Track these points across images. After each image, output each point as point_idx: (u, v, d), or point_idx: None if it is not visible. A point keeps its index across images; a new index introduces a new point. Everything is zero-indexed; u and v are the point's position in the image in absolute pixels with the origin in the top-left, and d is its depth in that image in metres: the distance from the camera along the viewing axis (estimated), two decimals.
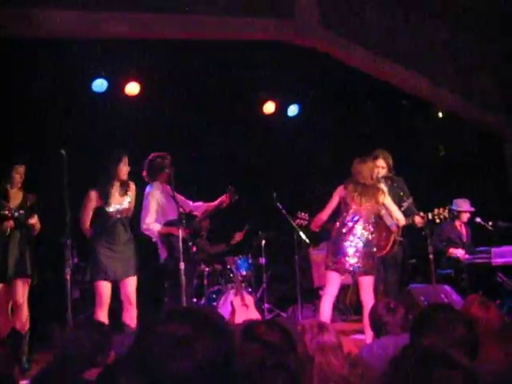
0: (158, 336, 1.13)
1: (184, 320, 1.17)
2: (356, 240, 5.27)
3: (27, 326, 5.13)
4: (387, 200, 5.43)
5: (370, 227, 5.32)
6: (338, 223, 5.38)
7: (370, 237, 5.31)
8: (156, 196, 5.62)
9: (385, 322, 3.32)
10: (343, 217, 5.35)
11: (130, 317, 5.16)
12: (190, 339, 1.13)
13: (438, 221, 5.71)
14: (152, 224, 5.50)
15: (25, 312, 5.12)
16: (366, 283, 5.29)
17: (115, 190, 5.24)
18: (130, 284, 5.21)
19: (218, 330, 1.17)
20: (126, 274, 5.20)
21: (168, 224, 5.52)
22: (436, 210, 5.62)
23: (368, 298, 5.19)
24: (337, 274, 5.29)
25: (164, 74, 7.18)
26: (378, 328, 3.35)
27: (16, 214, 5.07)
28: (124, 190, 5.29)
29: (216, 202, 5.78)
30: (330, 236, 5.50)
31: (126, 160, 5.27)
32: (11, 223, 5.05)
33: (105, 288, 5.10)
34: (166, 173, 5.60)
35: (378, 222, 5.46)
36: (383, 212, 5.53)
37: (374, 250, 5.35)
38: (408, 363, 1.17)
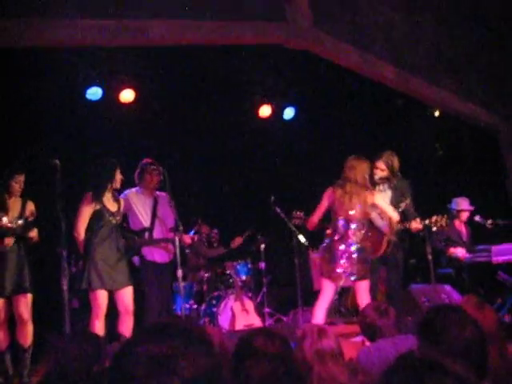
0: (138, 357, 1.09)
1: (164, 338, 1.13)
2: (349, 246, 5.25)
3: (30, 341, 5.09)
4: (378, 199, 5.37)
5: (363, 231, 5.28)
6: (329, 229, 5.36)
7: (362, 241, 5.28)
8: (129, 200, 5.70)
9: (379, 326, 3.28)
10: (334, 223, 5.32)
11: (127, 327, 5.09)
12: (171, 358, 1.09)
13: (434, 228, 5.61)
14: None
15: (30, 327, 5.08)
16: (362, 288, 5.31)
17: (108, 197, 5.23)
18: (128, 294, 5.17)
19: (200, 344, 1.14)
20: (123, 284, 5.15)
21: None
22: (434, 218, 5.54)
23: (365, 302, 5.16)
24: (331, 281, 5.29)
25: (158, 81, 7.16)
26: (372, 333, 3.31)
27: (14, 225, 5.02)
28: (115, 197, 5.29)
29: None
30: (324, 241, 5.48)
31: (118, 169, 5.29)
32: (10, 240, 4.98)
33: (102, 297, 5.03)
34: (146, 179, 5.74)
35: (370, 225, 5.42)
36: (373, 214, 5.48)
37: (368, 253, 5.31)
38: (401, 373, 1.15)
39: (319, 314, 5.23)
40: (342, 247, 5.23)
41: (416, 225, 5.56)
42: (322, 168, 8.20)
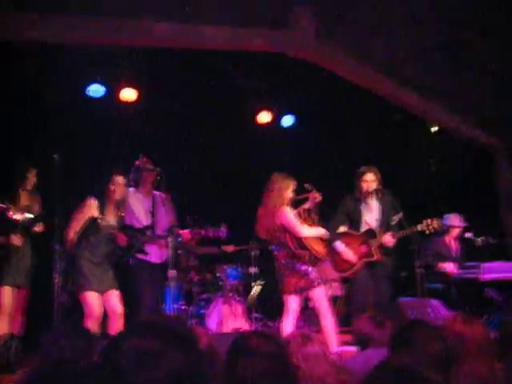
0: (125, 351, 1.14)
1: (150, 333, 1.18)
2: (282, 265, 5.40)
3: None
4: (285, 218, 5.31)
5: (282, 251, 5.37)
6: None
7: (285, 260, 5.37)
8: (127, 199, 5.70)
9: (372, 337, 3.31)
10: None
11: (116, 328, 5.11)
12: (156, 353, 1.14)
13: (427, 232, 5.67)
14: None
15: (24, 319, 5.30)
16: (313, 298, 5.41)
17: (110, 206, 5.30)
18: (114, 296, 5.22)
19: (184, 341, 1.18)
20: (109, 287, 5.21)
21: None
22: (425, 222, 5.60)
23: (321, 309, 5.34)
24: (288, 296, 5.39)
25: (160, 81, 7.21)
26: (365, 342, 3.34)
27: (23, 219, 5.17)
28: (117, 206, 5.35)
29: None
30: None
31: (120, 180, 5.30)
32: (18, 239, 5.15)
33: (90, 298, 5.08)
34: (142, 177, 5.74)
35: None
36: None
37: (299, 268, 5.34)
38: (382, 381, 1.19)
39: (287, 329, 5.25)
40: (277, 266, 5.42)
41: (389, 238, 5.62)
42: (319, 176, 8.25)
